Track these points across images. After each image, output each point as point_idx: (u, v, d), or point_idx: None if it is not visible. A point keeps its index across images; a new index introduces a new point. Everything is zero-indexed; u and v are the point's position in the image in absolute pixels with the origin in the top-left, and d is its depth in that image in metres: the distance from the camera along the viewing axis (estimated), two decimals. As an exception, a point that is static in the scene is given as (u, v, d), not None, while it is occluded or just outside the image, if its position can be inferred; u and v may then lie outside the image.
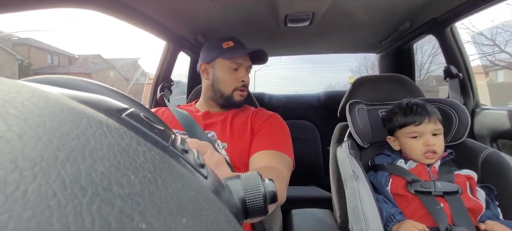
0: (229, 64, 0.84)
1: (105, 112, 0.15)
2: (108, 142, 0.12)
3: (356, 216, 0.68)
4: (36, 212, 0.08)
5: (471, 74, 1.11)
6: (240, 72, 0.85)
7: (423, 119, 0.78)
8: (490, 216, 0.69)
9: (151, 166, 0.13)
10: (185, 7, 0.99)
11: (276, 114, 0.85)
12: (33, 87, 0.13)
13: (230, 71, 0.84)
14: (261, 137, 0.76)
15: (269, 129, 0.78)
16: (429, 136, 0.78)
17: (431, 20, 1.12)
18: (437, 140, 0.78)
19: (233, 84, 0.84)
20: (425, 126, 0.78)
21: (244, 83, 0.85)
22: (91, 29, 9.09)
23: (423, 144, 0.78)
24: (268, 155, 0.70)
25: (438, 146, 0.77)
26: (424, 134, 0.78)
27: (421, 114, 0.78)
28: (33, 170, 0.08)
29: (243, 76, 0.85)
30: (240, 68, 0.85)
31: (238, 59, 0.84)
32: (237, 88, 0.84)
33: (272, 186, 0.23)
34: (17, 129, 0.09)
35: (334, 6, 0.99)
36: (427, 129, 0.78)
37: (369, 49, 1.75)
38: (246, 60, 0.86)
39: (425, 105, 0.80)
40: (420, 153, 0.78)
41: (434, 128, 0.78)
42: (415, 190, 0.72)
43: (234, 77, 0.84)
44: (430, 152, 0.77)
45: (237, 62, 0.84)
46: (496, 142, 0.99)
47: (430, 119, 0.78)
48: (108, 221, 0.09)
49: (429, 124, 0.77)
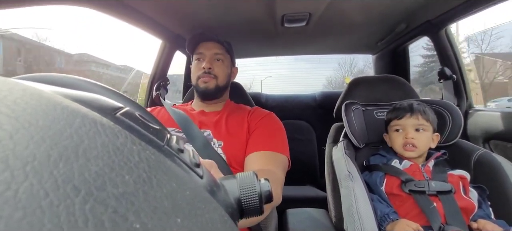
0: (195, 57, 0.89)
1: (99, 111, 0.15)
2: (102, 141, 0.12)
3: (351, 216, 0.69)
4: (28, 212, 0.07)
5: (464, 76, 1.13)
6: (203, 61, 0.86)
7: (405, 113, 0.82)
8: (482, 215, 0.70)
9: (146, 165, 0.12)
10: (181, 6, 0.99)
11: (272, 114, 0.86)
12: (26, 85, 0.13)
13: (196, 63, 0.88)
14: (256, 137, 0.76)
15: (265, 128, 0.78)
16: (410, 129, 0.81)
17: (426, 22, 1.14)
18: (418, 135, 0.81)
19: (196, 73, 0.87)
20: (406, 120, 0.81)
21: (205, 70, 0.85)
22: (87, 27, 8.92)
23: (403, 137, 0.81)
24: (264, 156, 0.70)
25: (419, 141, 0.80)
26: (405, 127, 0.82)
27: (404, 109, 0.83)
28: (24, 169, 0.08)
29: (206, 63, 0.85)
30: (203, 57, 0.87)
31: (200, 49, 0.88)
32: (199, 76, 0.86)
33: (268, 186, 0.23)
34: (9, 127, 0.09)
35: (331, 7, 1.00)
36: (408, 123, 0.81)
37: (365, 50, 1.76)
38: (209, 48, 0.87)
39: (413, 104, 0.83)
40: (400, 145, 0.82)
41: (416, 123, 0.81)
42: (409, 190, 0.73)
43: (197, 67, 0.87)
44: (409, 144, 0.80)
45: (198, 52, 0.88)
46: (489, 142, 1.01)
47: (412, 114, 0.81)
48: (101, 221, 0.09)
49: (410, 118, 0.81)
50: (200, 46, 0.88)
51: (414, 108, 0.82)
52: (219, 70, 0.87)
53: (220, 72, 0.87)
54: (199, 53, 0.87)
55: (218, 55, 0.88)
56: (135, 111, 0.19)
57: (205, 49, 0.87)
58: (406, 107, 0.83)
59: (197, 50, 0.88)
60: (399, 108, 0.85)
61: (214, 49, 0.87)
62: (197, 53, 0.88)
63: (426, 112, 0.82)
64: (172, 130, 0.78)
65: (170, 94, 1.39)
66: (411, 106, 0.83)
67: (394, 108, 0.87)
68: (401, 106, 0.85)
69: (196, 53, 0.88)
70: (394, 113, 0.85)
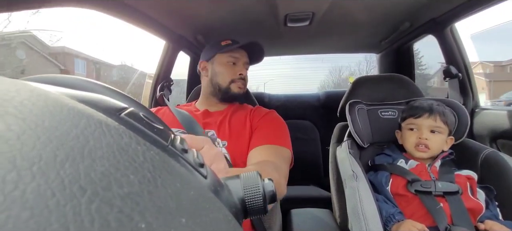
0: (227, 59, 0.87)
1: (104, 111, 0.15)
2: (107, 142, 0.12)
3: (355, 216, 0.68)
4: (35, 212, 0.08)
5: (470, 75, 1.11)
6: (237, 66, 0.87)
7: (423, 112, 0.79)
8: (490, 216, 0.69)
9: (151, 165, 0.13)
10: (185, 6, 0.99)
11: (273, 111, 0.87)
12: (33, 86, 0.13)
13: (228, 65, 0.87)
14: (259, 132, 0.77)
15: (267, 124, 0.79)
16: (425, 130, 0.79)
17: (431, 20, 1.12)
18: (433, 136, 0.79)
19: (230, 76, 0.86)
20: (423, 120, 0.79)
21: (242, 76, 0.87)
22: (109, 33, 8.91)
23: (416, 136, 0.79)
24: (266, 149, 0.71)
25: (432, 142, 0.78)
26: (421, 127, 0.79)
27: (422, 108, 0.80)
28: (31, 170, 0.08)
29: (241, 70, 0.87)
30: (238, 62, 0.87)
31: (235, 54, 0.87)
32: (234, 80, 0.86)
33: (272, 186, 0.23)
34: (16, 128, 0.09)
35: (334, 6, 0.99)
36: (424, 123, 0.79)
37: (369, 49, 1.75)
38: (243, 55, 0.88)
39: (433, 105, 0.81)
40: (413, 144, 0.80)
41: (433, 124, 0.78)
42: (416, 190, 0.72)
43: (231, 71, 0.87)
44: (422, 144, 0.78)
45: (234, 56, 0.87)
46: (496, 142, 0.99)
47: (430, 114, 0.78)
48: (107, 221, 0.09)
49: (428, 118, 0.79)
50: (235, 50, 0.87)
51: (433, 109, 0.79)
52: (247, 78, 0.90)
53: (247, 80, 0.91)
54: (234, 57, 0.87)
55: (247, 65, 0.91)
56: (139, 112, 0.20)
57: (241, 55, 0.88)
58: (425, 107, 0.80)
59: (231, 53, 0.87)
60: (418, 106, 0.82)
61: (246, 58, 0.90)
62: (231, 56, 0.87)
63: (445, 114, 0.80)
64: (176, 131, 0.78)
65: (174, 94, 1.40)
66: (430, 107, 0.80)
67: (411, 106, 0.84)
68: (420, 106, 0.82)
69: (230, 56, 0.87)
70: (412, 111, 0.82)
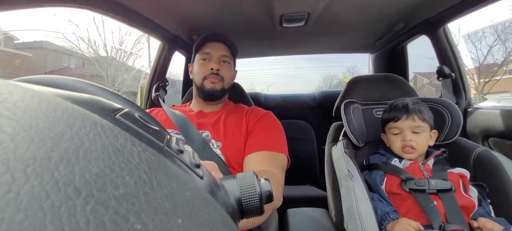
0: (200, 56, 0.87)
1: (99, 112, 0.15)
2: (102, 143, 0.12)
3: (351, 215, 0.69)
4: (29, 214, 0.07)
5: (463, 74, 1.13)
6: (211, 62, 0.85)
7: (401, 115, 0.81)
8: (482, 213, 0.70)
9: (146, 166, 0.13)
10: (180, 7, 0.99)
11: (269, 113, 0.86)
12: (26, 87, 0.13)
13: (201, 62, 0.86)
14: (255, 137, 0.76)
15: (263, 128, 0.78)
16: (408, 132, 0.80)
17: (425, 20, 1.14)
18: (416, 137, 0.80)
19: (202, 73, 0.85)
20: (403, 123, 0.81)
21: (213, 71, 0.84)
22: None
23: (401, 140, 0.81)
24: (263, 156, 0.70)
25: (417, 143, 0.80)
26: (403, 130, 0.81)
27: (399, 111, 0.82)
28: (25, 172, 0.08)
29: (213, 64, 0.84)
30: (210, 57, 0.86)
31: (206, 49, 0.86)
32: (206, 76, 0.84)
33: (268, 186, 0.23)
34: (10, 130, 0.09)
35: (329, 6, 1.00)
36: (404, 125, 0.81)
37: (363, 49, 1.77)
38: (216, 49, 0.86)
39: (408, 104, 0.82)
40: (399, 147, 0.82)
41: (413, 125, 0.80)
42: (410, 188, 0.73)
43: (203, 67, 0.85)
44: (408, 146, 0.80)
45: (205, 52, 0.86)
46: (488, 140, 1.01)
47: (408, 116, 0.80)
48: (102, 222, 0.09)
49: (406, 120, 0.80)
50: (206, 46, 0.86)
51: (409, 110, 0.81)
52: (225, 73, 0.86)
53: (227, 74, 0.87)
54: (205, 53, 0.85)
55: (226, 58, 0.87)
56: (134, 113, 0.19)
57: (213, 49, 0.85)
58: (402, 109, 0.82)
59: (202, 50, 0.86)
60: (395, 109, 0.83)
61: (222, 51, 0.86)
62: (203, 52, 0.86)
63: (421, 112, 0.81)
64: (170, 132, 0.78)
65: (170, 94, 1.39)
66: (406, 108, 0.81)
67: (390, 109, 0.86)
68: (397, 107, 0.83)
69: (202, 53, 0.86)
70: (390, 115, 0.84)
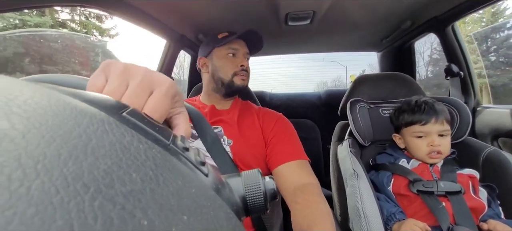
0: (226, 51, 0.84)
1: (106, 110, 0.15)
2: (109, 140, 0.12)
3: (356, 215, 0.68)
4: (40, 209, 0.08)
5: (472, 73, 1.11)
6: (238, 57, 0.84)
7: (430, 118, 0.76)
8: (492, 215, 0.69)
9: (152, 163, 0.13)
10: (186, 6, 0.99)
11: (282, 116, 0.85)
12: (36, 86, 0.13)
13: (228, 57, 0.84)
14: (279, 145, 0.75)
15: (284, 135, 0.77)
16: (435, 136, 0.76)
17: (433, 18, 1.12)
18: (443, 140, 0.76)
19: (232, 69, 0.83)
20: (431, 126, 0.76)
21: (244, 67, 0.84)
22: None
23: (427, 144, 0.76)
24: (297, 166, 0.72)
25: (444, 147, 0.76)
26: (430, 134, 0.76)
27: (428, 113, 0.76)
28: (36, 168, 0.09)
29: (242, 61, 0.84)
30: (238, 53, 0.84)
31: (234, 45, 0.84)
32: (236, 72, 0.83)
33: (272, 184, 0.23)
34: (21, 127, 0.10)
35: (335, 4, 0.99)
36: (433, 129, 0.76)
37: (370, 48, 1.75)
38: (242, 46, 0.85)
39: (434, 104, 0.78)
40: (424, 153, 0.76)
41: (441, 129, 0.76)
42: (418, 190, 0.72)
43: (232, 63, 0.84)
44: (435, 152, 0.76)
45: (233, 47, 0.84)
46: (497, 140, 0.99)
47: (437, 119, 0.75)
48: (110, 218, 0.09)
49: (435, 124, 0.75)
50: (233, 41, 0.84)
51: (438, 112, 0.76)
52: (249, 69, 0.87)
53: (249, 71, 0.88)
54: (233, 49, 0.84)
55: (248, 55, 0.88)
56: (140, 111, 0.20)
57: (240, 46, 0.85)
58: (429, 111, 0.76)
59: (230, 44, 0.84)
60: (421, 111, 0.77)
61: (246, 48, 0.87)
62: (230, 47, 0.83)
63: (446, 114, 0.78)
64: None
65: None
66: (434, 110, 0.76)
67: (412, 110, 0.79)
68: (422, 109, 0.77)
69: (229, 48, 0.84)
70: (416, 117, 0.77)
